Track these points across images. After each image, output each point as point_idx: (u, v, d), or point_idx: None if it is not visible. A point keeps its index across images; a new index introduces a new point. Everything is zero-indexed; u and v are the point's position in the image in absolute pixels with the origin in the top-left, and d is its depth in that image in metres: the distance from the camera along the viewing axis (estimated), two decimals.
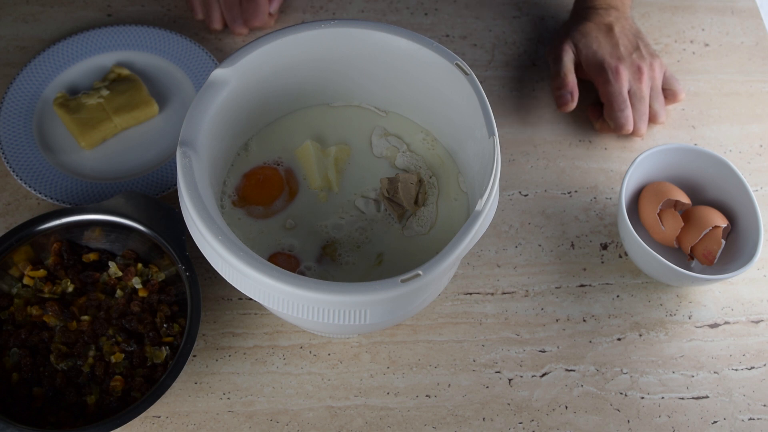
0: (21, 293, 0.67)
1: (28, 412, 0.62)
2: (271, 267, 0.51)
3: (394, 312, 0.52)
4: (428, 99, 0.64)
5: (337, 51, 0.63)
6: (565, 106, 0.79)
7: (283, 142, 0.66)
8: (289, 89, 0.65)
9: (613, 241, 0.75)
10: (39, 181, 0.74)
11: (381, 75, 0.64)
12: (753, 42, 0.90)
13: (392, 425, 0.65)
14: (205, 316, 0.69)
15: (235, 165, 0.65)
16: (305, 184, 0.65)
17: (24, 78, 0.80)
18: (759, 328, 0.71)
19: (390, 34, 0.61)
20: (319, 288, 0.50)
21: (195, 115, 0.57)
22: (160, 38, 0.83)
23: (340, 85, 0.66)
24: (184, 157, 0.54)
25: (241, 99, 0.61)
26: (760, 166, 0.81)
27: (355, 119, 0.68)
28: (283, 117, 0.68)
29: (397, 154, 0.66)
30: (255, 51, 0.60)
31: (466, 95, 0.59)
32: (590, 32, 0.80)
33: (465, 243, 0.52)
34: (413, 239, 0.62)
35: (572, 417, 0.66)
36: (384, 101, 0.68)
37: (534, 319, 0.71)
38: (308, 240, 0.62)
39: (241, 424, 0.65)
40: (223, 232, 0.52)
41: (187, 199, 0.53)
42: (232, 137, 0.63)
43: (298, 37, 0.61)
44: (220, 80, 0.58)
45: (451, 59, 0.59)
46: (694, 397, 0.68)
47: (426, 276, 0.50)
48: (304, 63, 0.63)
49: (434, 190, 0.64)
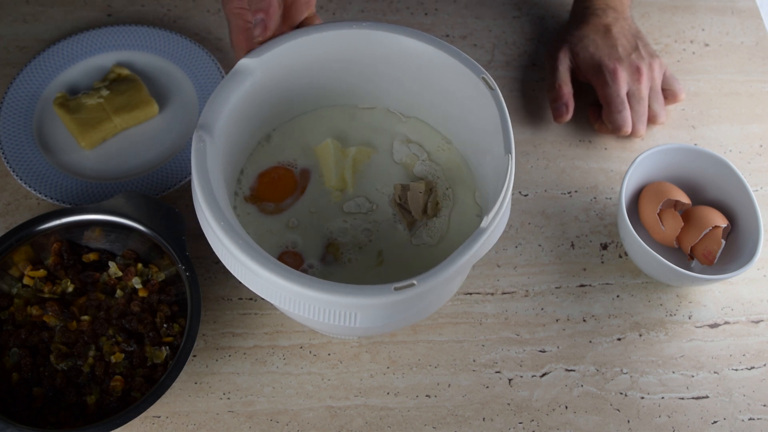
0: (21, 293, 0.67)
1: (28, 412, 0.62)
2: (265, 255, 0.51)
3: (387, 318, 0.52)
4: (452, 109, 0.64)
5: (364, 53, 0.62)
6: (560, 118, 0.79)
7: (305, 137, 0.67)
8: (315, 86, 0.65)
9: (613, 241, 0.75)
10: (39, 181, 0.74)
11: (407, 80, 0.64)
12: (753, 42, 0.90)
13: (392, 425, 0.65)
14: (205, 316, 0.69)
15: (255, 154, 0.65)
16: (320, 182, 0.65)
17: (24, 78, 0.80)
18: (759, 328, 0.71)
19: (418, 40, 0.60)
20: (309, 285, 0.50)
21: (216, 102, 0.57)
22: (160, 38, 0.83)
23: (366, 87, 0.66)
24: (199, 141, 0.55)
25: (266, 90, 0.61)
26: (760, 166, 0.81)
27: (379, 122, 0.68)
28: (307, 112, 0.68)
29: (417, 162, 0.65)
30: (283, 45, 0.60)
31: (489, 110, 0.58)
32: (587, 35, 0.80)
33: (464, 259, 0.51)
34: (420, 248, 0.62)
35: (572, 417, 0.66)
36: (409, 107, 0.67)
37: (534, 319, 0.71)
38: (313, 238, 0.62)
39: (241, 424, 0.65)
40: (224, 217, 0.52)
41: (196, 180, 0.54)
42: (253, 127, 0.63)
43: (327, 35, 0.61)
44: (246, 70, 0.58)
45: (478, 72, 0.59)
46: (694, 397, 0.68)
47: (420, 286, 0.50)
48: (331, 61, 0.63)
49: (449, 202, 0.64)
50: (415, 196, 0.62)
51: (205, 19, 0.88)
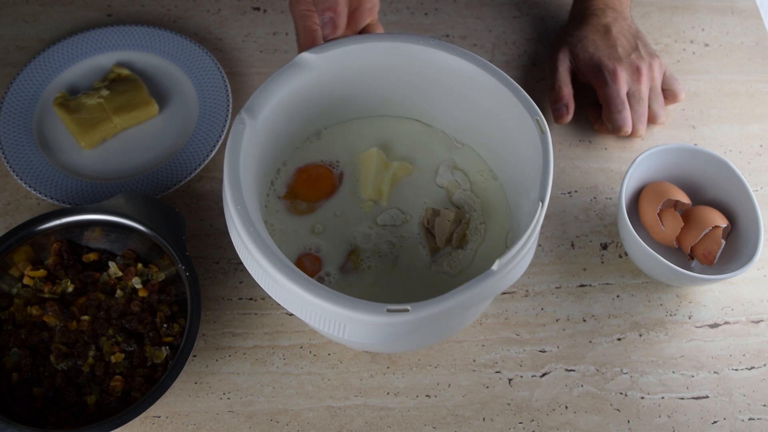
0: (21, 293, 0.67)
1: (28, 412, 0.62)
2: (270, 248, 0.51)
3: (378, 338, 0.51)
4: (503, 144, 0.63)
5: (425, 70, 0.62)
6: (560, 119, 0.79)
7: (354, 142, 0.67)
8: (373, 93, 0.65)
9: (613, 241, 0.75)
10: (39, 181, 0.74)
11: (464, 106, 0.63)
12: (753, 42, 0.90)
13: (392, 425, 0.65)
14: (205, 316, 0.69)
15: (302, 149, 0.66)
16: (355, 188, 0.65)
17: (24, 78, 0.80)
18: (759, 328, 0.71)
19: (480, 68, 0.59)
20: (305, 286, 0.50)
21: (268, 88, 0.57)
22: (160, 38, 0.83)
23: (423, 105, 0.66)
24: (240, 123, 0.55)
25: (322, 87, 0.61)
26: (760, 166, 0.81)
27: (431, 142, 0.67)
28: (363, 118, 0.68)
29: (457, 190, 0.65)
30: (345, 47, 0.59)
31: (536, 152, 0.56)
32: (587, 35, 0.80)
33: (463, 297, 0.50)
34: (438, 276, 0.61)
35: (572, 417, 0.66)
36: (463, 134, 0.67)
37: (534, 319, 0.71)
38: (337, 244, 0.62)
39: (241, 424, 0.65)
40: (242, 202, 0.52)
41: (226, 162, 0.54)
42: (304, 121, 0.63)
43: (390, 45, 0.60)
44: (305, 63, 0.58)
45: (533, 113, 0.57)
46: (694, 397, 0.68)
47: (414, 313, 0.49)
48: (391, 72, 0.63)
49: (479, 237, 0.63)
50: (443, 224, 0.61)
51: (205, 19, 0.88)
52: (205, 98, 0.79)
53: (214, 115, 0.78)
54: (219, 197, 0.76)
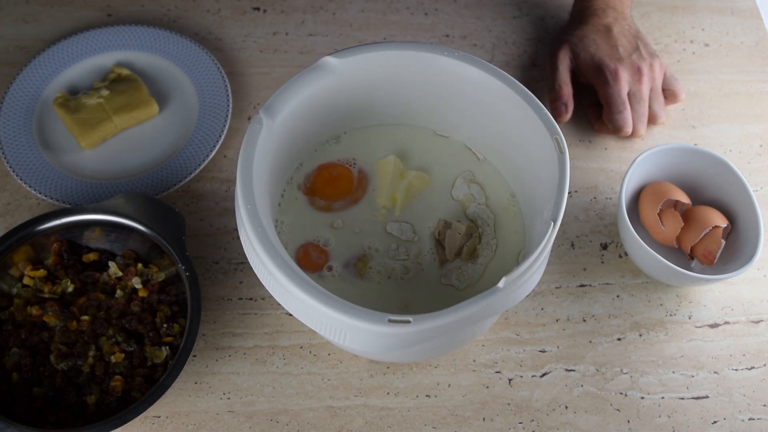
0: (21, 293, 0.67)
1: (28, 412, 0.62)
2: (276, 250, 0.51)
3: (378, 347, 0.51)
4: (522, 162, 0.62)
5: (449, 81, 0.61)
6: (559, 118, 0.79)
7: (373, 148, 0.66)
8: (395, 100, 0.64)
9: (613, 241, 0.75)
10: (39, 181, 0.74)
11: (486, 120, 0.63)
12: (753, 42, 0.90)
13: (392, 425, 0.65)
14: (205, 316, 0.69)
15: (319, 151, 0.65)
16: (372, 195, 0.64)
17: (24, 78, 0.80)
18: (759, 328, 0.71)
19: (503, 83, 0.59)
20: (308, 290, 0.50)
21: (288, 89, 0.57)
22: (160, 38, 0.83)
23: (445, 116, 0.66)
24: (257, 122, 0.55)
25: (344, 92, 0.61)
26: (760, 166, 0.81)
27: (452, 154, 0.67)
28: (384, 125, 0.67)
29: (472, 204, 0.64)
30: (369, 53, 0.59)
31: (552, 170, 0.56)
32: (588, 35, 0.80)
33: (466, 313, 0.49)
34: (447, 288, 0.61)
35: (572, 417, 0.66)
36: (484, 148, 0.66)
37: (534, 319, 0.71)
38: (347, 246, 0.62)
39: (241, 424, 0.65)
40: (253, 202, 0.52)
41: (240, 160, 0.54)
42: (323, 124, 0.63)
43: (415, 54, 0.60)
44: (328, 67, 0.58)
45: (552, 132, 0.56)
46: (694, 397, 0.68)
47: (415, 325, 0.48)
48: (414, 81, 0.62)
49: (489, 252, 0.62)
50: (453, 236, 0.61)
51: (205, 19, 0.88)
52: (205, 98, 0.79)
53: (214, 115, 0.78)
54: (219, 197, 0.76)
